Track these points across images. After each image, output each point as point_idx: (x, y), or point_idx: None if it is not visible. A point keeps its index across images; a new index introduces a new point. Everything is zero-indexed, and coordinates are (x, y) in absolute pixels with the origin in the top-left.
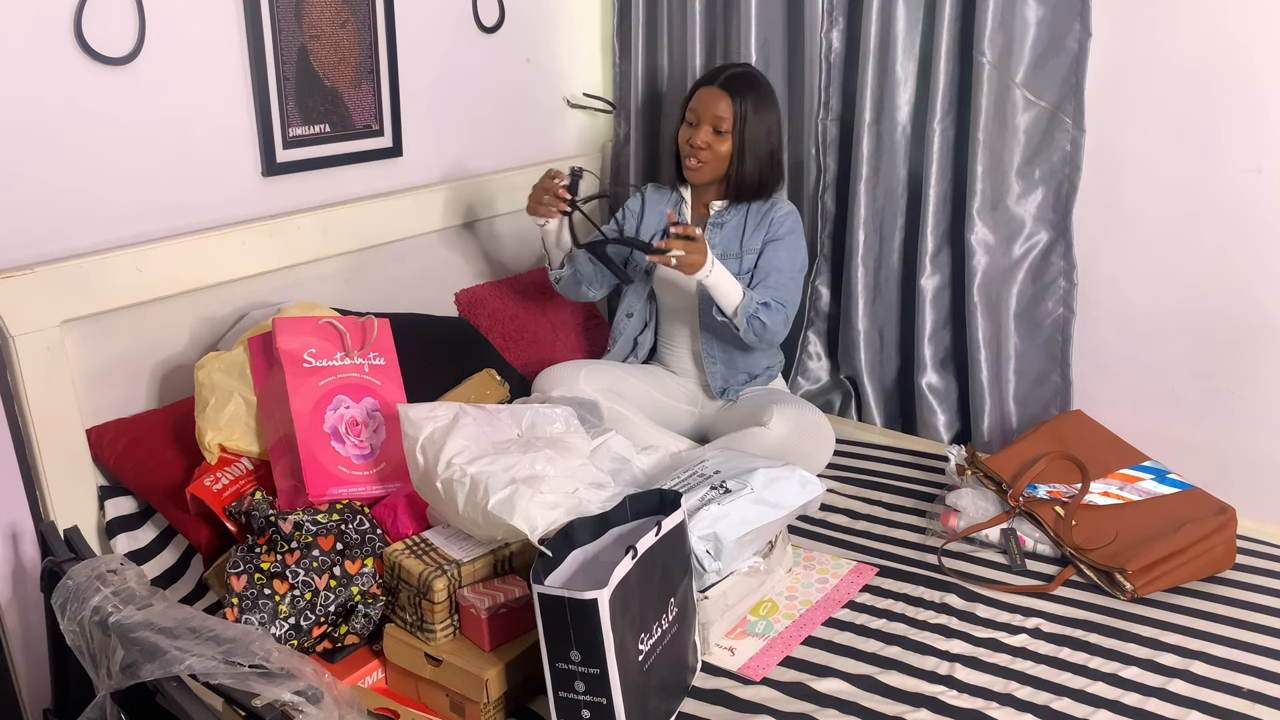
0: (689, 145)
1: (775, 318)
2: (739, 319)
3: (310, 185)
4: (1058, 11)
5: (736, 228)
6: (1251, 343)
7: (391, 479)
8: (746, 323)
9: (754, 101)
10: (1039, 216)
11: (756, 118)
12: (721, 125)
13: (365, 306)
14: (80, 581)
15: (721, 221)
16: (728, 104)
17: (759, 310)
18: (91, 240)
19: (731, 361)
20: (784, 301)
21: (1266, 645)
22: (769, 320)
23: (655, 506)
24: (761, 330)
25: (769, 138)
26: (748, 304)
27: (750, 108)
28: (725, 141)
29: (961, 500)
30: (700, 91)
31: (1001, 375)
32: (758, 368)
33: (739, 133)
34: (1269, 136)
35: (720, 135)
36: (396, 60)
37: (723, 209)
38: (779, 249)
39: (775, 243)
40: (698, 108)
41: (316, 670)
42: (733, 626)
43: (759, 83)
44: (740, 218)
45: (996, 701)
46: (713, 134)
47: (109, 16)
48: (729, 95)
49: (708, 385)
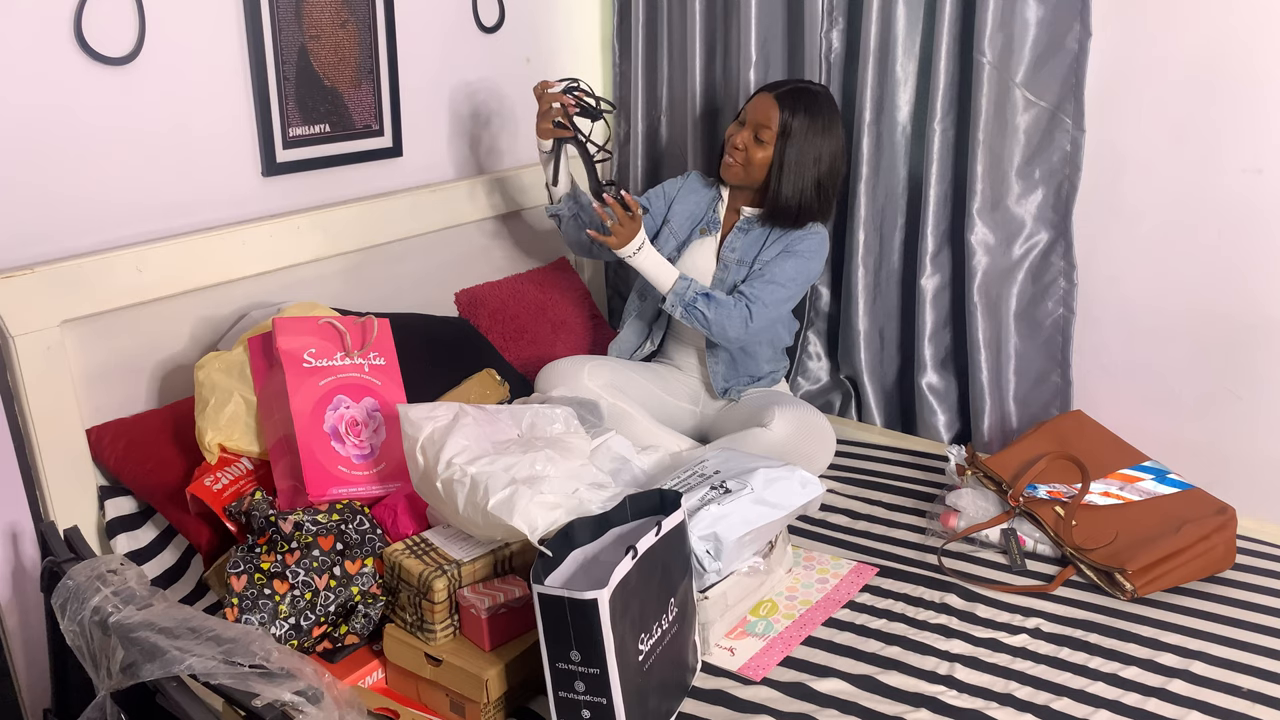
0: (730, 142)
1: (727, 312)
2: (672, 306)
3: (310, 185)
4: (1058, 11)
5: (759, 238)
6: (1251, 343)
7: (391, 479)
8: (685, 310)
9: (806, 120)
10: (1039, 216)
11: (804, 137)
12: (764, 134)
13: (365, 306)
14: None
15: (748, 228)
16: (776, 113)
17: (697, 300)
18: (91, 240)
19: (733, 362)
20: (753, 300)
21: (1266, 645)
22: (711, 312)
23: (655, 506)
24: (705, 322)
25: (816, 164)
26: (683, 292)
27: (800, 125)
28: (765, 150)
29: (961, 500)
30: (759, 95)
31: (1001, 375)
32: (760, 370)
33: (780, 147)
34: (1269, 136)
35: (761, 143)
36: (396, 60)
37: (753, 216)
38: (787, 259)
39: (785, 253)
40: (750, 109)
41: (316, 670)
42: (733, 626)
43: (820, 105)
44: (766, 232)
45: (996, 701)
46: (754, 139)
47: (109, 17)
48: (780, 106)
49: (710, 384)
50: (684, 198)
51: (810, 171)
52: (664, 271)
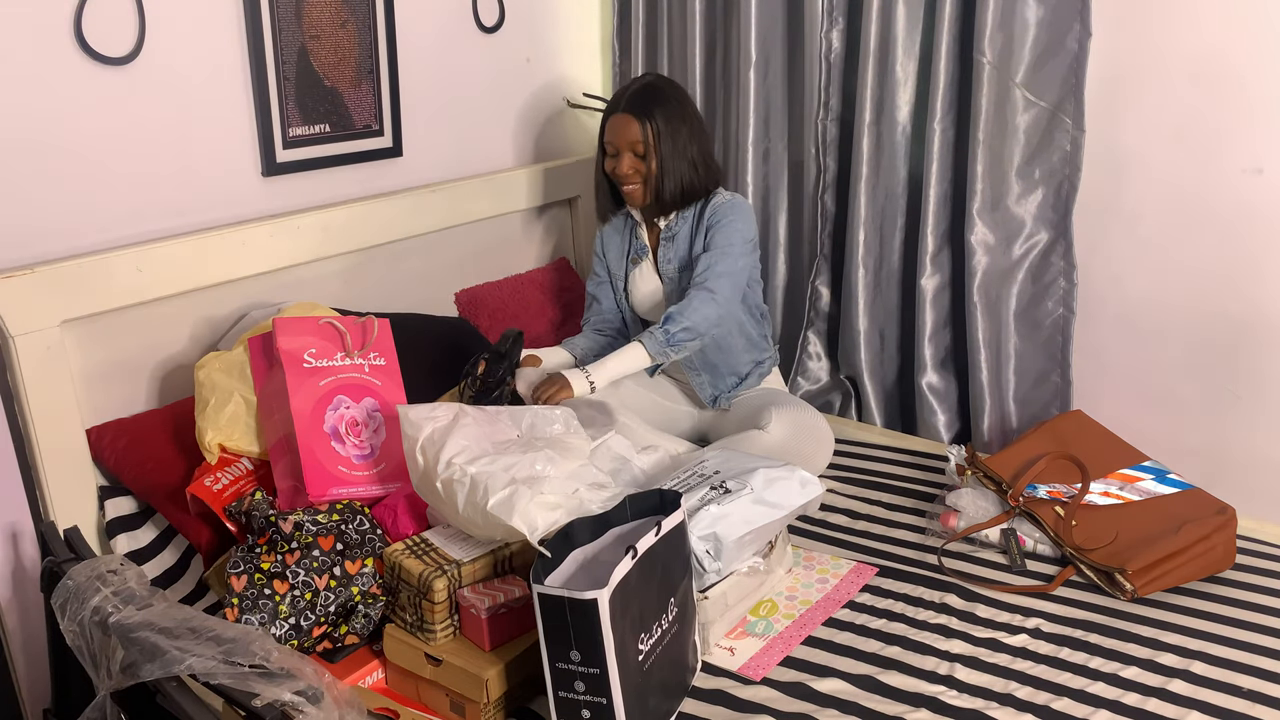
0: (616, 175)
1: (692, 308)
2: (661, 359)
3: (310, 185)
4: (1058, 11)
5: (686, 237)
6: (1251, 343)
7: (391, 479)
8: (671, 348)
9: (663, 116)
10: (1039, 216)
11: (669, 131)
12: (638, 148)
13: (365, 306)
14: (80, 581)
15: (672, 234)
16: (637, 127)
17: (669, 334)
18: (91, 240)
19: (713, 368)
20: (706, 284)
21: (1266, 645)
22: (686, 322)
23: (655, 506)
24: (689, 332)
25: (690, 145)
26: (655, 346)
27: (660, 124)
28: (650, 162)
29: (961, 500)
30: (610, 120)
31: (1001, 375)
32: (741, 367)
33: (656, 151)
34: (1269, 137)
35: (641, 158)
36: (396, 60)
37: (671, 222)
38: (715, 234)
39: (712, 229)
40: (612, 138)
41: (316, 670)
42: (733, 626)
43: (663, 94)
44: (688, 225)
45: (996, 701)
46: (635, 159)
47: (109, 16)
48: (636, 118)
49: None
50: (609, 245)
51: (685, 154)
52: (629, 359)
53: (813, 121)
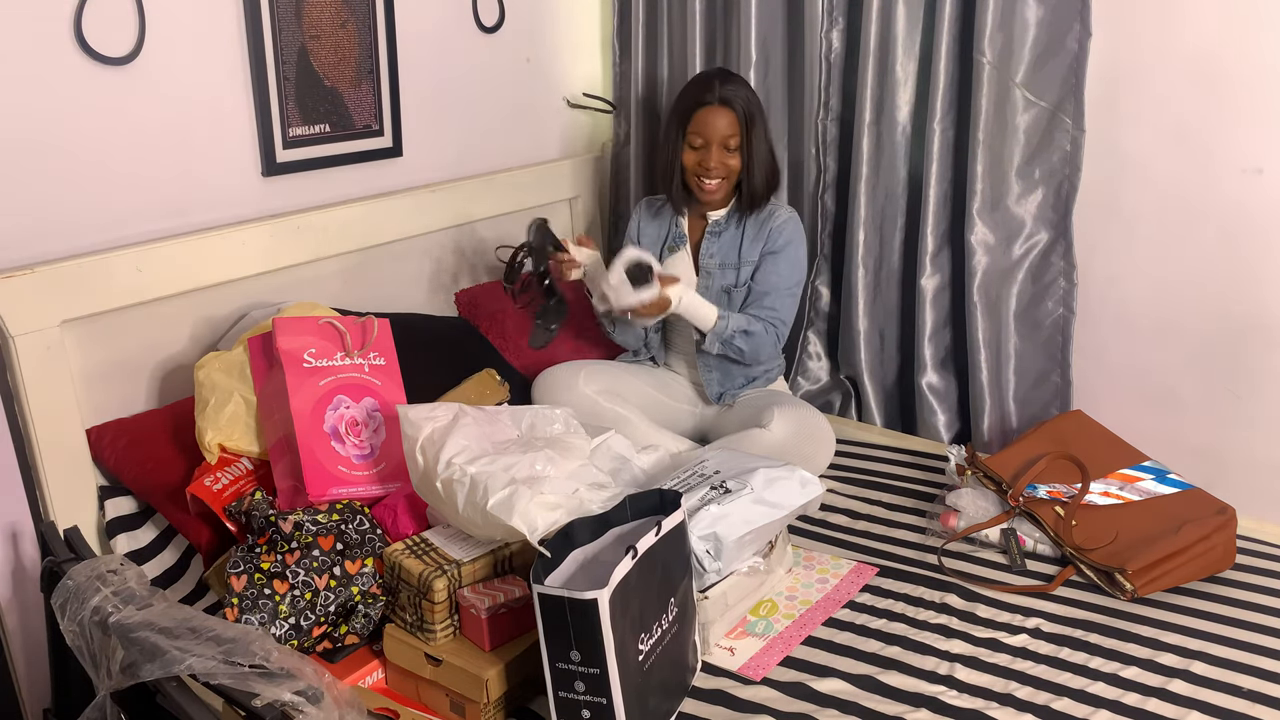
0: (702, 168)
1: (760, 341)
2: (711, 344)
3: (310, 185)
4: (1058, 11)
5: (734, 237)
6: (1251, 343)
7: (391, 479)
8: (721, 347)
9: (756, 109)
10: (1039, 216)
11: (759, 126)
12: (731, 143)
13: (365, 306)
14: (80, 581)
15: (719, 230)
16: (731, 120)
17: (736, 337)
18: (91, 240)
19: (727, 368)
20: (776, 321)
21: (1266, 645)
22: (748, 346)
23: (655, 506)
24: (740, 354)
25: (768, 140)
26: (722, 330)
27: (753, 118)
28: (736, 157)
29: (961, 500)
30: (701, 112)
31: (1001, 375)
32: (756, 370)
33: (746, 146)
34: (1269, 136)
35: (731, 151)
36: (396, 60)
37: (721, 218)
38: (777, 263)
39: (773, 255)
40: (701, 130)
41: (316, 670)
42: (733, 626)
43: (748, 88)
44: (738, 225)
45: (996, 701)
46: (724, 153)
47: (109, 16)
48: (730, 109)
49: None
50: (645, 230)
51: (767, 150)
52: (704, 312)
53: (813, 121)
